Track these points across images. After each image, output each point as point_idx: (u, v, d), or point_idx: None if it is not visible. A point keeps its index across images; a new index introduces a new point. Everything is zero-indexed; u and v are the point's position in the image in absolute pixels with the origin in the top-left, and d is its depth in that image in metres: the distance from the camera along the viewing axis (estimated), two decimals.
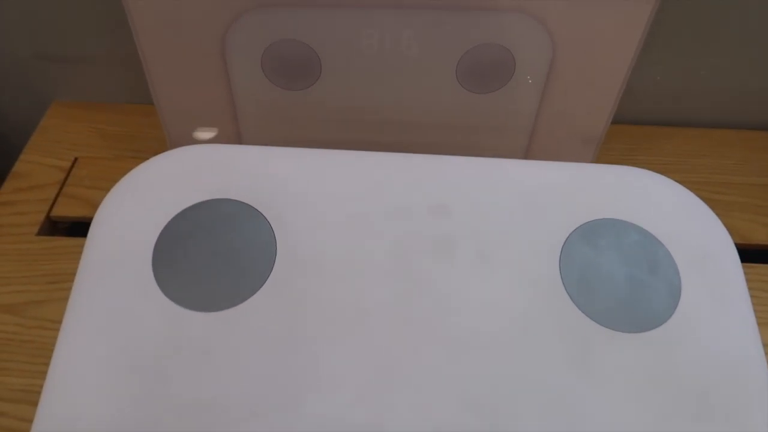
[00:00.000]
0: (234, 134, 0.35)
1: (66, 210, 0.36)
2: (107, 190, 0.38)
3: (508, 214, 0.24)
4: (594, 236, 0.23)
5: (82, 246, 0.23)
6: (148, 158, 0.40)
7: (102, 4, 0.37)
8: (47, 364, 0.20)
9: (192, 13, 0.29)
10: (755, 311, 0.22)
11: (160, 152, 0.40)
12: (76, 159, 0.39)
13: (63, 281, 0.32)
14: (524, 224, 0.24)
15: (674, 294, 0.22)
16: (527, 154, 0.36)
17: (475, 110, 0.33)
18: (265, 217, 0.23)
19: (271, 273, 0.22)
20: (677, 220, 0.25)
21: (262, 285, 0.22)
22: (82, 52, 0.40)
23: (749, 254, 0.32)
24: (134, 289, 0.22)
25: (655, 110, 0.42)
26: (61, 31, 0.39)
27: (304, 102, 0.33)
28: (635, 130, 0.42)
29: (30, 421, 0.20)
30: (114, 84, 0.42)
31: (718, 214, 0.25)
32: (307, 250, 0.23)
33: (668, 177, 0.41)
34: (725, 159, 0.41)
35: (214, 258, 0.22)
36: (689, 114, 0.43)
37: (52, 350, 0.21)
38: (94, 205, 0.38)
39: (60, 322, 0.21)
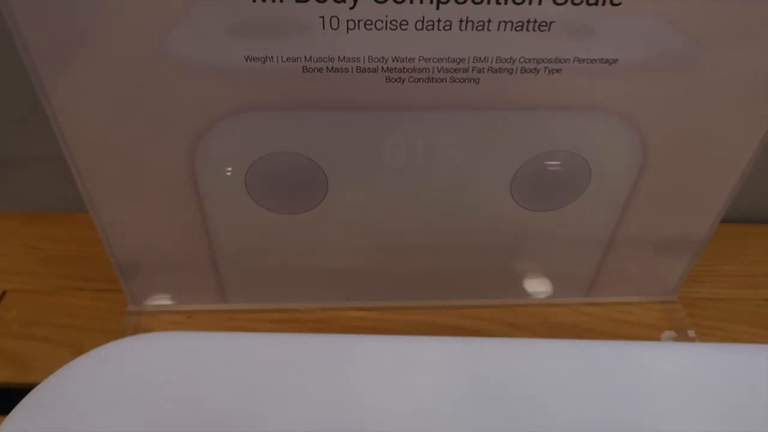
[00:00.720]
0: (209, 270, 0.26)
1: None
2: (42, 340, 0.29)
3: None
4: None
5: None
6: (95, 290, 0.32)
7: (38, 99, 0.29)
8: None
9: (148, 122, 0.21)
10: None
11: (111, 282, 0.31)
12: (4, 293, 0.30)
13: None
14: None
15: None
16: (598, 274, 0.28)
17: (534, 231, 0.25)
18: None
19: None
20: None
21: None
22: (18, 152, 0.32)
23: None
24: None
25: (739, 206, 0.34)
26: None
27: (305, 227, 0.24)
28: (717, 230, 0.34)
29: None
30: (57, 190, 0.33)
31: None
32: None
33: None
34: None
35: None
36: None
37: None
38: (23, 365, 0.29)
39: None
